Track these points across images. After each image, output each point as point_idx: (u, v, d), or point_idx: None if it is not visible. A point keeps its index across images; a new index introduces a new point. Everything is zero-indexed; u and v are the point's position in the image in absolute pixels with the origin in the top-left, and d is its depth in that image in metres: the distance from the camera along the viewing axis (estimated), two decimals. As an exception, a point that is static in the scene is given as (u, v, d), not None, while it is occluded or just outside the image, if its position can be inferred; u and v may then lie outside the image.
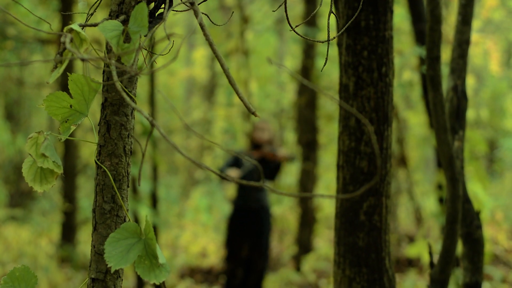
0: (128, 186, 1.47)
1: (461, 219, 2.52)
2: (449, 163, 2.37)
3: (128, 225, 1.38)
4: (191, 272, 8.79)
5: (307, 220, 8.64)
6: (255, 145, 7.63)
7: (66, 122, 1.42)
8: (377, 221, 2.18)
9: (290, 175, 9.79)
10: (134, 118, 1.47)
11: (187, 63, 21.01)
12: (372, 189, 2.17)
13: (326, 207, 10.55)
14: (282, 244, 9.69)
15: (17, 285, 1.43)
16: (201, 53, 19.01)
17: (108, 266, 1.32)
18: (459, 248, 2.68)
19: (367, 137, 2.17)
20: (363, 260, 2.17)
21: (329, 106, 9.79)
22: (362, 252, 2.18)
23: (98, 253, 1.42)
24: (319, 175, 9.12)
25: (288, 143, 9.02)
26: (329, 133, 9.24)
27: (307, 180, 8.62)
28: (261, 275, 7.59)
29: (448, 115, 2.60)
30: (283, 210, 9.05)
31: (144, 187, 6.97)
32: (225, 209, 16.41)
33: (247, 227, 7.51)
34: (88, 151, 8.60)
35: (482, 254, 2.53)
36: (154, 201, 6.98)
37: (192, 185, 18.70)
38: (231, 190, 15.94)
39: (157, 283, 1.28)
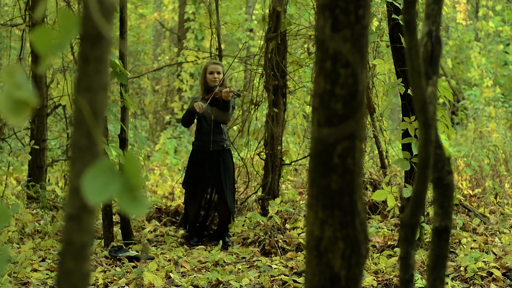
0: (103, 122, 1.45)
1: (432, 164, 2.54)
2: (422, 108, 2.37)
3: (105, 161, 1.37)
4: (159, 214, 8.81)
5: (274, 164, 8.68)
6: (208, 88, 7.63)
7: (47, 55, 1.40)
8: (350, 164, 2.18)
9: (258, 120, 9.79)
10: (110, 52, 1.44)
11: (156, 8, 20.77)
12: (347, 132, 2.17)
13: (293, 152, 10.60)
14: (248, 188, 9.73)
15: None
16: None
17: (86, 201, 1.31)
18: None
19: (343, 79, 2.16)
20: (336, 203, 2.18)
21: (298, 52, 9.76)
22: (335, 195, 2.18)
23: (74, 189, 1.41)
24: (288, 120, 9.12)
25: (256, 88, 8.97)
26: (297, 79, 9.22)
27: (276, 125, 8.63)
28: (226, 217, 7.63)
29: (422, 61, 2.60)
30: (250, 154, 9.06)
31: (113, 129, 6.93)
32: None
33: (207, 169, 7.54)
34: (59, 92, 8.49)
35: (452, 199, 2.55)
36: (122, 143, 6.95)
37: (159, 128, 18.66)
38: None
39: (138, 215, 1.27)
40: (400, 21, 6.93)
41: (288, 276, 6.07)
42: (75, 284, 1.44)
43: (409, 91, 6.75)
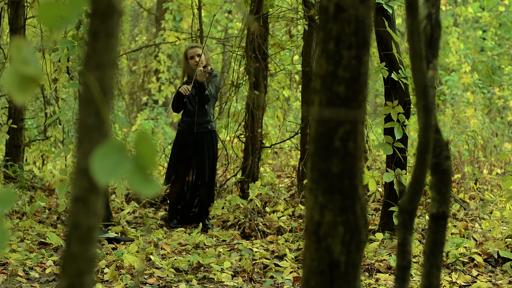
0: (112, 100, 1.40)
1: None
2: (423, 91, 2.33)
3: (114, 141, 1.32)
4: (138, 196, 8.74)
5: (254, 147, 8.63)
6: (193, 72, 7.50)
7: (53, 29, 1.34)
8: (352, 147, 2.14)
9: (238, 102, 9.73)
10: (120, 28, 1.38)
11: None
12: (349, 115, 2.13)
13: (272, 135, 10.56)
14: (227, 171, 9.68)
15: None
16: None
17: (96, 181, 1.26)
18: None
19: (346, 61, 2.12)
20: (336, 187, 2.14)
21: (279, 34, 9.70)
22: (336, 179, 2.14)
23: (82, 169, 1.35)
24: (268, 102, 9.07)
25: (237, 70, 8.90)
26: (278, 62, 9.16)
27: (257, 107, 8.58)
28: (206, 200, 7.58)
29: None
30: (230, 136, 9.00)
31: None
32: (169, 133, 16.35)
33: (191, 151, 7.48)
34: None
35: (449, 185, 2.52)
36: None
37: (136, 109, 18.53)
38: (176, 115, 15.85)
39: (150, 195, 1.22)
40: (384, 5, 6.89)
41: (269, 259, 6.05)
42: (80, 268, 1.39)
43: (393, 75, 6.72)
